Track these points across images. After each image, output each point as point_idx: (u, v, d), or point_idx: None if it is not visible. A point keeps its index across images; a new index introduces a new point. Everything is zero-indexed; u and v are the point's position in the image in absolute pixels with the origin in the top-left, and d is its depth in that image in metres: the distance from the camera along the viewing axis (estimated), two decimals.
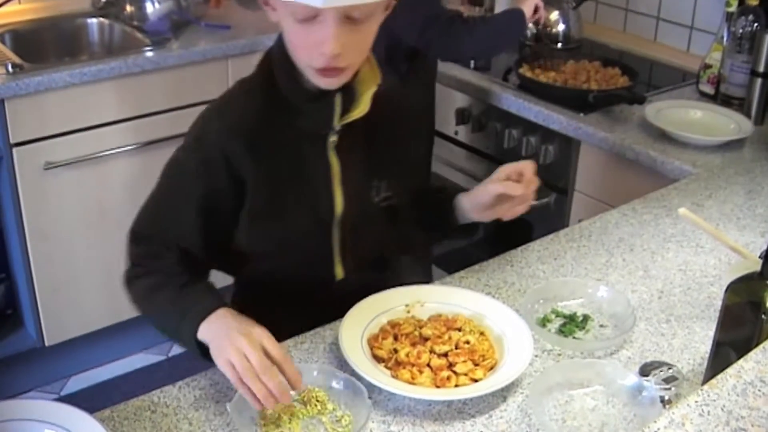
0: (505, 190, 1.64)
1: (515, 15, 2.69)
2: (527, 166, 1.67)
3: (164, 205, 1.57)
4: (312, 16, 1.38)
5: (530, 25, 3.07)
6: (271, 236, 1.58)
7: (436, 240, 1.78)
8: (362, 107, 1.55)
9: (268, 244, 1.59)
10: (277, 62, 1.52)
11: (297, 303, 1.62)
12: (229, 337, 1.36)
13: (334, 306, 1.62)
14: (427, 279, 2.81)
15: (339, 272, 1.66)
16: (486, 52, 2.92)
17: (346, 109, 1.53)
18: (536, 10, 2.77)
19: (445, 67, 2.98)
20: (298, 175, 1.56)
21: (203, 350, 1.42)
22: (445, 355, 1.51)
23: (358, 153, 1.61)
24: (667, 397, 1.41)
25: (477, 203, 1.70)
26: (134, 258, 1.59)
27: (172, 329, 1.48)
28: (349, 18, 1.39)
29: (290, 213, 1.57)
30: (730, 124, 2.61)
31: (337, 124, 1.54)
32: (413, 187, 1.76)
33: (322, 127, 1.55)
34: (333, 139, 1.56)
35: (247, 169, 1.51)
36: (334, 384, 1.45)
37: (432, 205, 1.78)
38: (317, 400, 1.42)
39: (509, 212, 1.69)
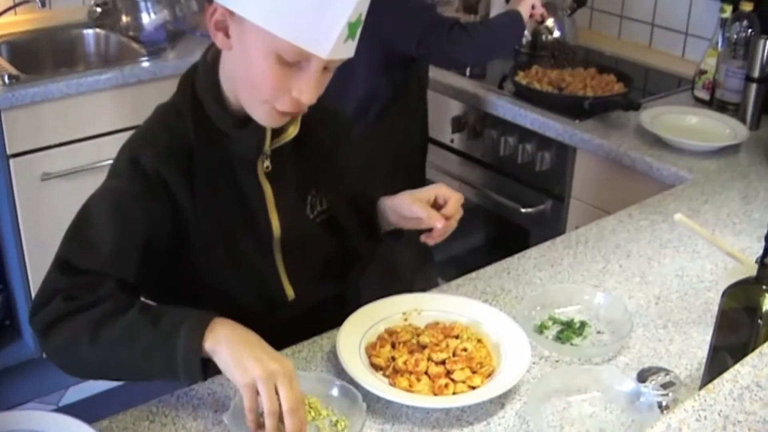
0: (425, 218, 1.62)
1: (513, 17, 2.69)
2: (453, 199, 1.66)
3: (101, 234, 1.44)
4: (298, 61, 1.36)
5: (533, 24, 3.09)
6: (221, 263, 1.53)
7: (372, 246, 1.73)
8: (292, 130, 1.54)
9: (220, 271, 1.54)
10: (203, 87, 1.49)
11: (254, 325, 1.49)
12: (258, 359, 1.30)
13: (291, 326, 1.60)
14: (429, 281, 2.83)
15: (290, 292, 1.63)
16: (486, 56, 2.92)
17: (275, 133, 1.52)
18: (533, 8, 2.77)
19: (440, 75, 2.99)
20: (234, 201, 1.53)
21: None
22: (443, 362, 1.51)
23: (290, 173, 1.59)
24: (664, 403, 1.41)
25: (397, 214, 1.70)
26: (65, 290, 1.40)
27: (155, 354, 1.35)
28: (326, 67, 1.38)
29: (234, 238, 1.53)
30: (725, 129, 2.62)
31: (267, 149, 1.52)
32: (348, 195, 1.72)
33: (252, 154, 1.52)
34: (266, 164, 1.54)
35: (183, 196, 1.46)
36: (330, 391, 1.45)
37: (361, 212, 1.75)
38: (310, 407, 1.42)
39: (429, 239, 1.67)
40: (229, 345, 1.32)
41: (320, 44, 1.33)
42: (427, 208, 1.63)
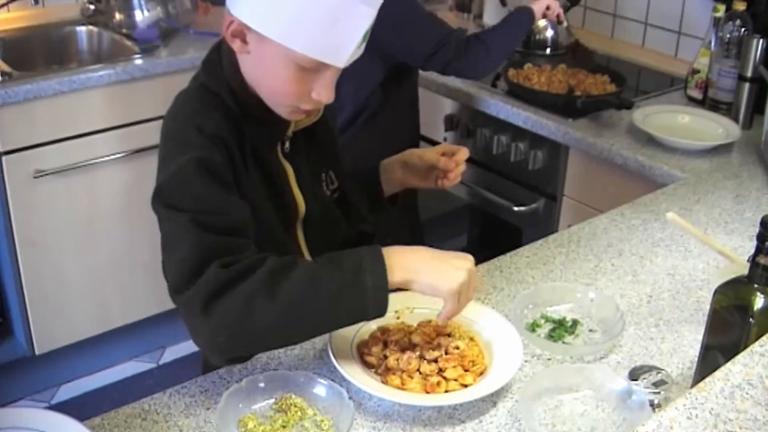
0: (437, 162, 1.77)
1: (526, 17, 2.70)
2: (462, 150, 1.80)
3: (214, 200, 1.40)
4: (318, 67, 1.40)
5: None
6: (258, 241, 1.52)
7: (376, 216, 1.81)
8: (314, 116, 1.59)
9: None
10: (229, 73, 1.50)
11: None
12: (456, 267, 1.41)
13: None
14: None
15: None
16: (499, 63, 2.83)
17: None
18: (548, 8, 2.77)
19: (433, 74, 2.99)
20: (263, 179, 1.55)
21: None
22: (435, 360, 1.51)
23: (303, 153, 1.63)
24: (656, 401, 1.41)
25: (406, 165, 1.83)
26: (216, 255, 1.34)
27: (344, 294, 1.35)
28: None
29: (263, 214, 1.55)
30: (717, 128, 2.62)
31: (290, 132, 1.58)
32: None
33: (278, 136, 1.57)
34: (286, 146, 1.59)
35: (239, 167, 1.48)
36: (316, 390, 1.45)
37: (361, 185, 1.84)
38: (296, 407, 1.42)
39: (445, 181, 1.80)
40: (420, 269, 1.41)
41: (338, 55, 1.39)
42: (438, 155, 1.79)
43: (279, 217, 1.59)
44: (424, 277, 1.40)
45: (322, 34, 1.35)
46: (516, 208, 2.87)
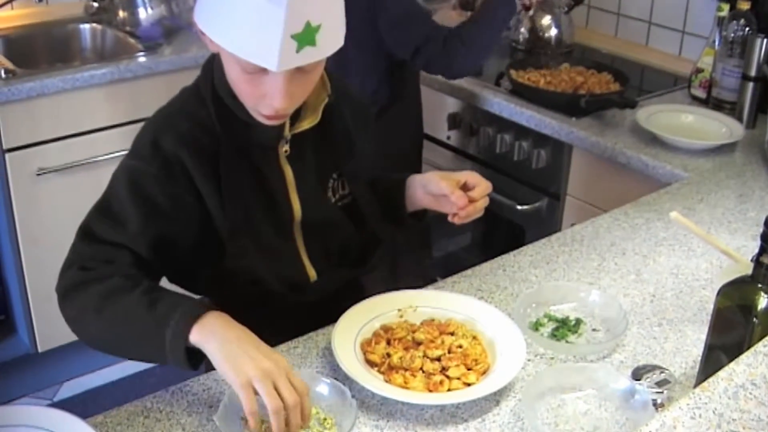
0: (450, 195, 1.64)
1: (500, 3, 2.58)
2: (483, 185, 1.70)
3: (122, 208, 1.47)
4: (260, 69, 1.37)
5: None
6: (244, 247, 1.54)
7: (395, 229, 1.76)
8: (311, 118, 1.56)
9: (244, 255, 1.56)
10: (219, 77, 1.50)
11: (277, 307, 1.61)
12: (252, 357, 1.29)
13: (316, 308, 1.63)
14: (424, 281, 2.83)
15: (312, 274, 1.66)
16: (483, 58, 2.72)
17: (294, 118, 1.54)
18: None
19: None
20: (256, 185, 1.55)
21: (188, 356, 1.34)
22: (438, 359, 1.51)
23: (310, 157, 1.62)
24: (659, 401, 1.41)
25: (425, 189, 1.71)
26: (84, 259, 1.45)
27: (147, 337, 1.36)
28: (298, 69, 1.39)
29: (256, 221, 1.55)
30: (721, 128, 2.62)
31: (287, 134, 1.55)
32: (368, 180, 1.75)
33: (273, 140, 1.55)
34: (285, 148, 1.57)
35: (205, 180, 1.48)
36: (320, 389, 1.45)
37: (383, 195, 1.78)
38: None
39: (455, 218, 1.68)
40: (219, 340, 1.32)
41: (266, 57, 1.34)
42: (455, 186, 1.65)
43: (271, 222, 1.58)
44: (217, 351, 1.31)
45: (246, 34, 1.34)
46: (519, 207, 2.87)
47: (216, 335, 1.32)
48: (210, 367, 1.54)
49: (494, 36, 2.62)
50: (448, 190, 1.64)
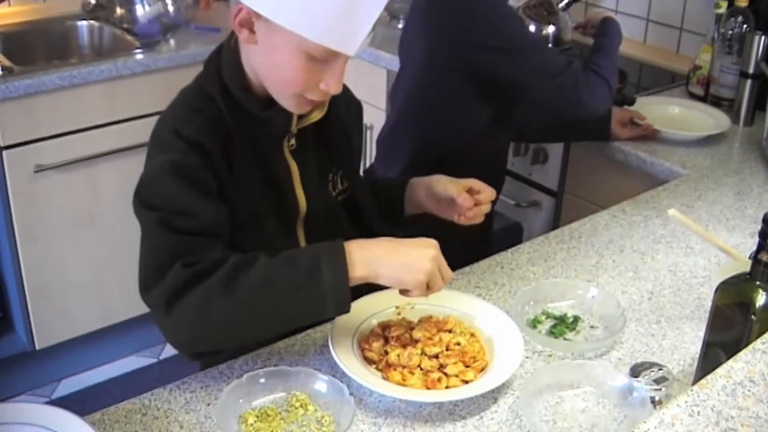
0: (456, 198, 1.70)
1: (616, 27, 2.50)
2: (488, 190, 1.74)
3: (184, 202, 1.43)
4: (327, 57, 1.39)
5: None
6: (245, 241, 1.53)
7: (392, 229, 1.77)
8: (318, 112, 1.57)
9: (245, 250, 1.52)
10: (228, 72, 1.50)
11: None
12: (414, 257, 1.40)
13: None
14: None
15: None
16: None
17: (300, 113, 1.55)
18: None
19: None
20: (263, 179, 1.55)
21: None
22: (436, 356, 1.51)
23: (311, 151, 1.63)
24: (657, 398, 1.41)
25: (430, 191, 1.76)
26: (178, 259, 1.38)
27: (299, 291, 1.36)
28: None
29: (261, 215, 1.56)
30: (708, 119, 2.64)
31: (294, 128, 1.56)
32: (362, 176, 1.79)
33: (280, 133, 1.55)
34: (291, 142, 1.57)
35: (223, 171, 1.48)
36: (317, 386, 1.45)
37: (382, 193, 1.82)
38: (300, 405, 1.42)
39: (461, 219, 1.74)
40: (383, 263, 1.40)
41: (349, 44, 1.37)
42: (461, 189, 1.71)
43: (276, 216, 1.59)
44: (388, 271, 1.40)
45: (336, 22, 1.34)
46: (517, 204, 2.87)
47: (379, 258, 1.41)
48: (207, 365, 1.54)
49: (616, 61, 2.41)
50: (454, 192, 1.70)
